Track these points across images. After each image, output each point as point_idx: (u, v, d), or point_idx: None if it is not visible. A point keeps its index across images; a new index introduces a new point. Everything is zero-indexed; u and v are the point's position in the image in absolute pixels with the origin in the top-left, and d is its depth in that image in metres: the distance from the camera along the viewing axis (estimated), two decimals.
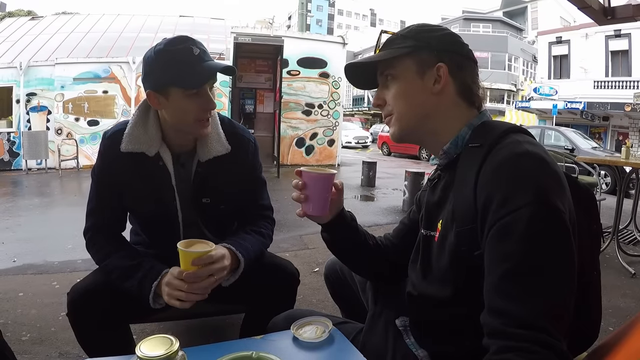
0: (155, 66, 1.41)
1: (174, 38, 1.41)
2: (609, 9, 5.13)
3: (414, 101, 1.08)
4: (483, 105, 1.11)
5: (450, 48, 1.08)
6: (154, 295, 1.38)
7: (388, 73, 1.11)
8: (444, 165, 1.09)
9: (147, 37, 14.34)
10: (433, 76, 1.06)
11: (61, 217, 5.92)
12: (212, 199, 1.59)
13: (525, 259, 0.79)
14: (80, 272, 3.33)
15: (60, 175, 10.32)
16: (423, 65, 1.07)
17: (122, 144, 1.49)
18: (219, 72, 1.43)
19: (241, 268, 1.49)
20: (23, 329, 2.45)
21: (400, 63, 1.09)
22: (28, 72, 11.55)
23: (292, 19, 75.02)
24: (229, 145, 1.59)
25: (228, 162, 1.58)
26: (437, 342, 1.07)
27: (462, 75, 1.07)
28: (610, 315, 2.76)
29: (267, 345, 1.09)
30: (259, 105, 11.00)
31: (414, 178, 6.21)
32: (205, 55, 1.42)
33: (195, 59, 1.39)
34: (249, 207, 1.72)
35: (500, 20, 38.50)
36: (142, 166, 1.52)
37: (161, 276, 1.38)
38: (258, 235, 1.63)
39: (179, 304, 1.31)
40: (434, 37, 1.08)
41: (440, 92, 1.06)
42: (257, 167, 1.75)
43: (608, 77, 20.33)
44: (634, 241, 4.79)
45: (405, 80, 1.09)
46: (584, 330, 0.99)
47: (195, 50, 1.39)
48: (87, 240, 1.58)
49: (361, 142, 23.32)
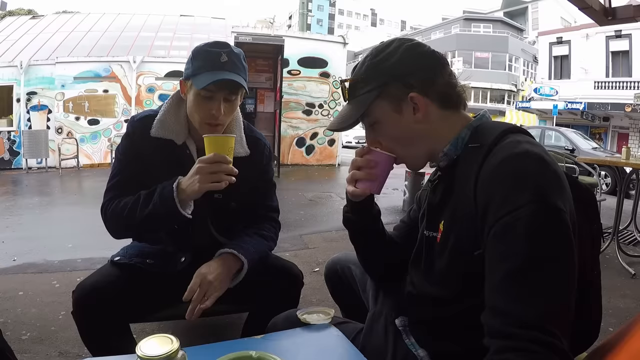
0: (191, 58, 1.51)
1: (217, 41, 1.51)
2: (610, 9, 5.13)
3: (406, 137, 1.08)
4: (466, 101, 1.10)
5: (412, 69, 1.05)
6: (180, 202, 1.42)
7: (367, 121, 1.11)
8: (444, 167, 1.09)
9: (148, 36, 14.34)
10: (410, 106, 1.04)
11: (61, 216, 5.88)
12: (224, 196, 1.61)
13: (525, 258, 0.79)
14: (81, 271, 3.35)
15: (60, 174, 10.34)
16: (395, 101, 1.05)
17: (153, 129, 1.56)
18: (225, 85, 1.47)
19: (244, 270, 1.52)
20: (23, 328, 2.45)
21: (374, 108, 1.07)
22: (28, 71, 11.58)
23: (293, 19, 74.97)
24: (249, 150, 1.66)
25: (246, 164, 1.60)
26: (437, 342, 1.06)
27: (435, 89, 1.05)
28: (610, 315, 2.76)
29: (268, 345, 1.09)
30: (260, 105, 11.01)
31: (414, 178, 6.20)
32: (230, 65, 1.47)
33: (218, 65, 1.45)
34: (256, 207, 1.76)
35: (501, 20, 38.46)
36: (170, 151, 1.58)
37: (178, 180, 1.43)
38: (260, 238, 1.66)
39: (214, 185, 1.37)
40: (391, 66, 1.05)
41: (424, 117, 1.05)
42: (269, 171, 1.82)
43: (608, 78, 20.34)
44: (634, 242, 4.80)
45: (386, 122, 1.08)
46: (584, 331, 0.99)
47: (223, 57, 1.46)
48: (103, 211, 1.57)
49: (361, 142, 23.29)
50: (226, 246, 1.54)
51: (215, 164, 1.36)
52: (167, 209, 1.42)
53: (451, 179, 1.04)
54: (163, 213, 1.43)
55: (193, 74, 1.47)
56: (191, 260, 1.61)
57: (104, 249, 2.24)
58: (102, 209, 1.57)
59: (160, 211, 1.43)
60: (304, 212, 5.90)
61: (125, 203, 1.50)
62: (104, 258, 1.72)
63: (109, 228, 1.57)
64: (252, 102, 10.82)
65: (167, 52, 13.41)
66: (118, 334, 1.49)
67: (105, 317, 1.43)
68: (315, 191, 7.85)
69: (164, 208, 1.42)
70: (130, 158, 1.59)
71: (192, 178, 1.38)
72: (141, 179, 1.56)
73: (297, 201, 6.74)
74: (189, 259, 1.63)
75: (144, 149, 1.57)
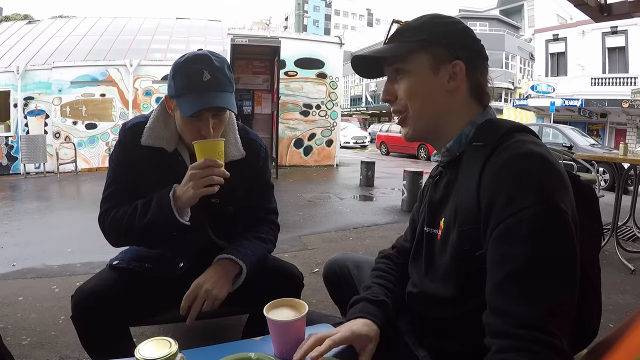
0: (172, 75, 1.45)
1: (196, 56, 1.45)
2: (605, 5, 5.13)
3: (428, 100, 1.05)
4: (489, 101, 1.10)
5: (466, 45, 1.06)
6: (177, 210, 1.42)
7: (398, 67, 1.07)
8: (446, 163, 1.08)
9: (144, 39, 14.31)
10: (448, 73, 1.03)
11: (60, 220, 5.88)
12: (221, 200, 1.60)
13: (528, 260, 0.79)
14: (80, 275, 3.35)
15: (58, 178, 10.32)
16: (437, 60, 1.04)
17: (143, 138, 1.54)
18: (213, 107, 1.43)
19: (243, 274, 1.52)
20: (23, 333, 2.45)
21: (412, 58, 1.05)
22: (25, 76, 11.56)
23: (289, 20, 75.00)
24: (244, 151, 1.64)
25: (241, 166, 1.60)
26: (437, 342, 1.06)
27: (475, 75, 1.05)
28: (610, 311, 2.76)
29: (267, 347, 1.09)
30: (257, 107, 11.01)
31: (412, 177, 6.20)
32: (214, 84, 1.42)
33: (200, 84, 1.40)
34: (255, 210, 1.75)
35: (497, 18, 38.46)
36: (162, 159, 1.56)
37: (174, 188, 1.43)
38: (258, 241, 1.66)
39: (207, 189, 1.37)
40: (449, 32, 1.05)
41: (453, 91, 1.04)
42: (266, 172, 1.79)
43: (605, 74, 20.36)
44: (633, 237, 4.80)
45: (418, 76, 1.05)
46: (584, 328, 0.99)
47: (205, 76, 1.40)
48: (101, 221, 1.56)
49: (359, 142, 23.33)
50: (224, 251, 1.54)
51: (207, 169, 1.36)
52: (164, 217, 1.42)
53: (453, 175, 1.04)
54: (161, 221, 1.43)
55: (177, 94, 1.43)
56: (190, 265, 1.61)
57: (102, 253, 2.24)
58: (99, 219, 1.56)
59: (159, 219, 1.43)
60: (302, 213, 5.89)
61: (123, 213, 1.50)
62: (103, 262, 1.72)
63: (108, 238, 1.57)
64: (249, 103, 10.84)
65: (164, 55, 13.38)
66: (118, 337, 1.49)
67: (104, 321, 1.42)
68: (314, 192, 7.86)
69: (162, 216, 1.42)
70: (123, 166, 1.58)
71: (186, 185, 1.39)
72: (136, 187, 1.55)
73: (295, 202, 6.74)
74: (187, 263, 1.63)
75: (136, 157, 1.56)
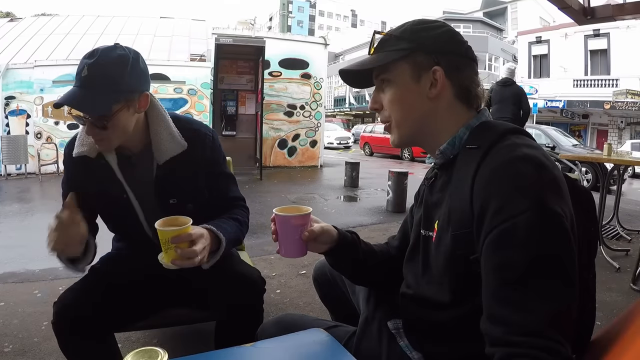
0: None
1: (93, 50, 1.39)
2: (589, 9, 5.19)
3: (410, 107, 1.06)
4: (482, 105, 1.08)
5: (447, 48, 1.05)
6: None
7: (383, 77, 1.09)
8: (441, 165, 1.07)
9: (128, 39, 14.14)
10: (429, 80, 1.03)
11: (42, 223, 5.64)
12: (179, 199, 1.57)
13: (525, 265, 0.77)
14: (62, 279, 3.28)
15: (40, 180, 10.16)
16: (418, 68, 1.04)
17: (74, 150, 1.53)
18: (74, 106, 1.36)
19: (222, 249, 1.48)
20: (5, 340, 2.39)
21: (394, 67, 1.06)
22: (6, 75, 11.33)
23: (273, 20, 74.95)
24: (185, 142, 1.57)
25: (187, 159, 1.56)
26: (431, 344, 1.05)
27: (459, 77, 1.04)
28: (597, 310, 2.76)
29: (259, 354, 1.06)
30: (241, 107, 10.98)
31: (397, 178, 6.21)
32: (88, 81, 1.34)
33: (78, 79, 1.35)
34: (218, 202, 1.69)
35: (481, 20, 38.88)
36: (88, 167, 1.53)
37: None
38: (234, 221, 1.61)
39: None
40: (429, 37, 1.05)
41: (436, 96, 1.04)
42: (219, 161, 1.71)
43: (587, 76, 20.70)
44: (617, 236, 4.87)
45: (400, 85, 1.06)
46: (578, 332, 0.98)
47: (84, 72, 1.34)
48: None
49: (343, 142, 23.37)
50: (203, 224, 1.46)
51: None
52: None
53: (448, 178, 1.03)
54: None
55: None
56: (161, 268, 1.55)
57: None
58: None
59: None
60: None
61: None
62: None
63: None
64: (234, 104, 10.81)
65: (147, 55, 13.26)
66: (102, 344, 1.47)
67: (86, 331, 1.40)
68: (298, 193, 7.85)
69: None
70: (68, 185, 1.59)
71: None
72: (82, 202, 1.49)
73: (280, 203, 6.60)
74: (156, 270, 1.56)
75: (72, 172, 1.57)
